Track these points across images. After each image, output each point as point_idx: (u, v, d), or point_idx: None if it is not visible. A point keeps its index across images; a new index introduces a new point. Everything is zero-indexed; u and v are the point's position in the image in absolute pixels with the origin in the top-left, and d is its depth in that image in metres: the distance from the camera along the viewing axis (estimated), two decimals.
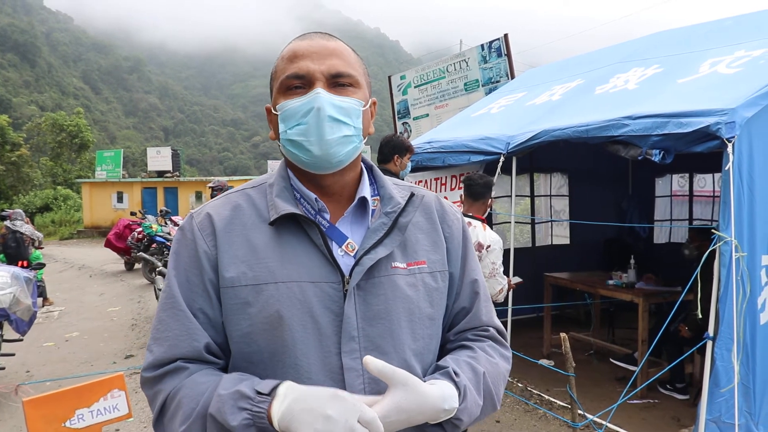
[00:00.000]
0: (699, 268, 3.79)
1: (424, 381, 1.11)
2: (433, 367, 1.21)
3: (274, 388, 1.01)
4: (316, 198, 1.20)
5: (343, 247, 1.18)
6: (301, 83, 1.15)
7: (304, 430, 0.94)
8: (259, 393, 1.01)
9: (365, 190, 1.24)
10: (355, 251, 1.18)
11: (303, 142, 1.14)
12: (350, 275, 1.14)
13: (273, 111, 1.21)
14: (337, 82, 1.16)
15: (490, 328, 1.33)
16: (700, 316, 3.64)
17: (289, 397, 0.99)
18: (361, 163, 1.30)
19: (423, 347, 1.20)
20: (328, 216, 1.20)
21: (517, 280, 4.48)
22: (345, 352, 1.11)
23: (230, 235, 1.16)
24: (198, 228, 1.18)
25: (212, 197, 9.83)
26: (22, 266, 7.19)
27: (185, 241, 1.19)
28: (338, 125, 1.14)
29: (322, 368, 1.10)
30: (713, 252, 3.57)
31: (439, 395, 1.07)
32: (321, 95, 1.12)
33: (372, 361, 1.02)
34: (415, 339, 1.18)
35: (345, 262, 1.16)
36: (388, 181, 1.30)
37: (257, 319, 1.11)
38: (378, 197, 1.27)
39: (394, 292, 1.17)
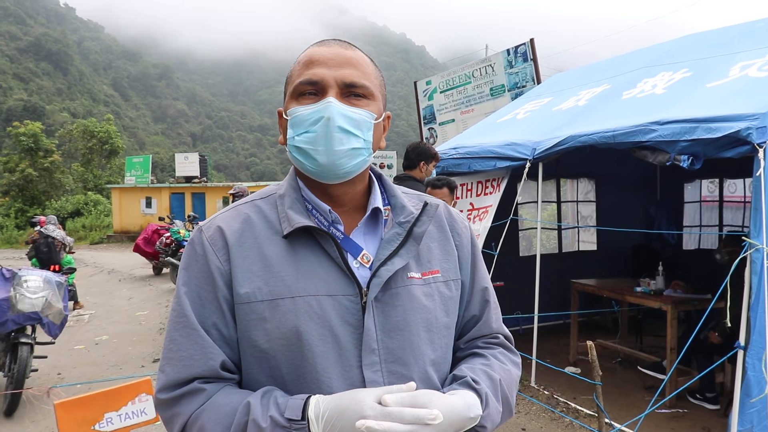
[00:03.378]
0: (729, 276, 3.72)
1: (443, 392, 1.11)
2: (450, 377, 1.20)
3: (303, 410, 1.01)
4: (330, 209, 1.18)
5: (358, 258, 1.16)
6: (313, 90, 1.13)
7: None
8: (290, 420, 1.00)
9: (377, 200, 1.23)
10: (370, 263, 1.16)
11: (310, 151, 1.11)
12: (368, 287, 1.12)
13: (284, 115, 1.18)
14: (351, 92, 1.14)
15: (500, 336, 1.33)
16: (730, 324, 3.57)
17: (322, 419, 0.99)
18: (370, 173, 1.28)
19: (441, 357, 1.20)
20: (342, 227, 1.18)
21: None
22: (366, 365, 1.10)
23: (243, 249, 1.13)
24: (209, 242, 1.15)
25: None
26: (54, 271, 7.33)
27: (195, 256, 1.15)
28: (348, 137, 1.11)
29: (343, 382, 1.08)
30: (744, 259, 3.51)
31: (464, 404, 1.07)
32: (332, 104, 1.10)
33: (390, 399, 1.00)
34: (434, 349, 1.18)
35: (361, 274, 1.14)
36: (398, 190, 1.29)
37: (275, 335, 1.09)
38: (389, 206, 1.25)
39: (411, 302, 1.15)
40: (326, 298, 1.10)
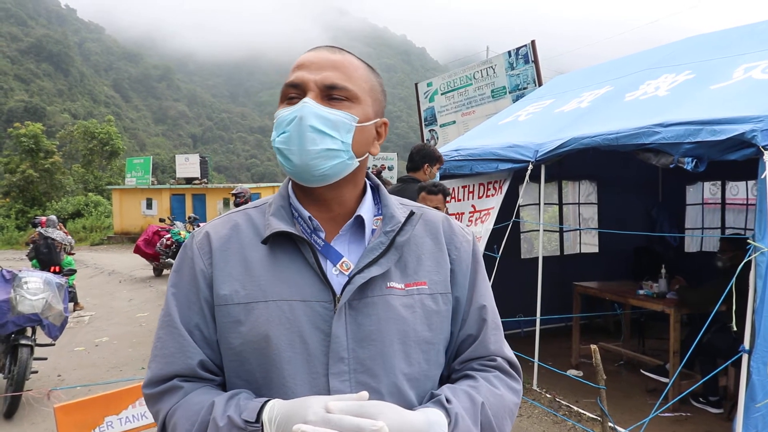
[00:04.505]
0: (734, 279, 3.69)
1: (414, 409, 1.07)
2: (428, 396, 1.15)
3: (259, 414, 1.02)
4: (310, 216, 1.18)
5: (338, 265, 1.15)
6: (295, 93, 1.15)
7: None
8: (246, 422, 1.01)
9: (364, 208, 1.21)
10: (350, 270, 1.14)
11: (285, 151, 1.12)
12: (341, 294, 1.11)
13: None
14: (331, 95, 1.13)
15: (498, 358, 1.25)
16: (735, 328, 3.55)
17: (274, 423, 0.99)
18: (367, 181, 1.27)
19: (418, 372, 1.15)
20: (323, 235, 1.18)
21: None
22: (333, 373, 1.08)
23: (226, 254, 1.16)
24: (197, 247, 1.19)
25: (236, 204, 9.94)
26: (55, 272, 7.31)
27: (185, 259, 1.20)
28: (321, 137, 1.10)
29: (309, 390, 1.07)
30: (748, 262, 3.48)
31: (424, 422, 1.02)
32: (307, 105, 1.10)
33: (335, 406, 0.97)
34: (409, 363, 1.13)
35: (338, 281, 1.13)
36: (393, 200, 1.26)
37: (248, 337, 1.10)
38: (381, 216, 1.23)
39: (387, 312, 1.12)
40: (299, 303, 1.10)
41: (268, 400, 1.04)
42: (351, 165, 1.16)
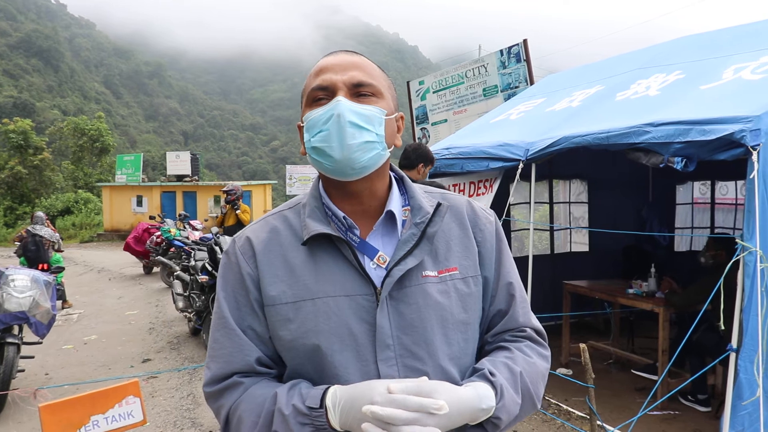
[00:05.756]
0: (722, 278, 3.71)
1: (461, 385, 1.16)
2: (471, 370, 1.24)
3: (322, 400, 1.10)
4: (344, 216, 1.24)
5: (375, 260, 1.23)
6: (324, 95, 1.21)
7: (364, 428, 1.03)
8: (310, 408, 1.09)
9: (393, 202, 1.28)
10: (386, 263, 1.22)
11: (325, 148, 1.17)
12: (381, 286, 1.19)
13: (301, 123, 1.26)
14: (359, 92, 1.21)
15: (528, 329, 1.35)
16: (723, 327, 3.56)
17: (338, 407, 1.08)
18: (391, 173, 1.34)
19: (459, 351, 1.24)
20: (358, 232, 1.25)
21: None
22: (381, 360, 1.17)
23: (269, 256, 1.24)
24: (240, 252, 1.27)
25: (226, 201, 9.91)
26: (42, 269, 7.26)
27: (230, 264, 1.27)
28: (359, 131, 1.17)
29: (360, 377, 1.15)
30: (736, 262, 3.49)
31: (475, 395, 1.12)
32: (341, 103, 1.17)
33: (396, 387, 1.06)
34: (449, 344, 1.22)
35: (377, 275, 1.21)
36: (418, 190, 1.34)
37: (297, 333, 1.18)
38: (409, 207, 1.30)
39: (425, 300, 1.21)
40: (343, 298, 1.19)
41: (329, 387, 1.12)
42: (384, 156, 1.24)
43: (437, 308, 1.21)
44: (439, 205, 1.29)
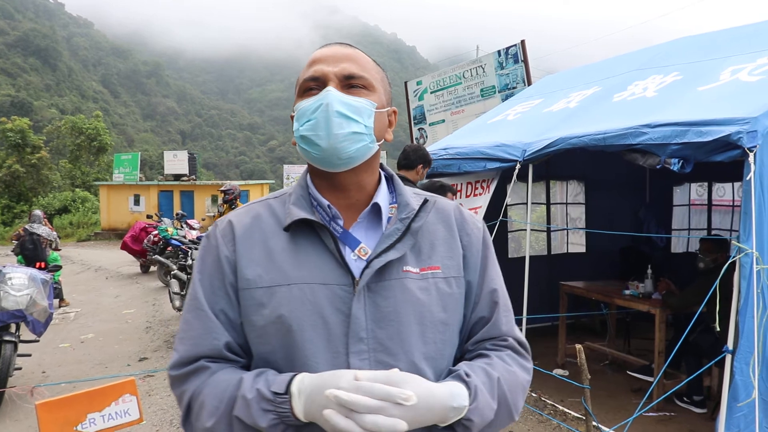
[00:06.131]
0: (718, 280, 3.72)
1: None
2: (446, 372, 1.21)
3: (288, 386, 1.07)
4: (329, 205, 1.23)
5: (356, 251, 1.21)
6: (316, 85, 1.21)
7: (326, 415, 1.00)
8: (276, 393, 1.07)
9: (380, 196, 1.27)
10: (368, 255, 1.20)
11: (312, 137, 1.17)
12: (360, 277, 1.17)
13: (292, 113, 1.26)
14: (350, 84, 1.21)
15: (510, 338, 1.31)
16: (719, 329, 3.58)
17: (303, 393, 1.05)
18: (381, 171, 1.33)
19: (435, 352, 1.20)
20: (341, 222, 1.23)
21: None
22: (353, 352, 1.14)
23: (249, 241, 1.22)
24: (220, 235, 1.25)
25: (224, 201, 9.92)
26: (40, 268, 7.25)
27: (209, 247, 1.26)
28: (347, 121, 1.17)
29: (330, 368, 1.11)
30: (732, 263, 3.50)
31: (447, 392, 1.09)
32: (331, 92, 1.17)
33: (364, 375, 1.03)
34: (425, 342, 1.19)
35: (357, 266, 1.19)
36: (407, 190, 1.32)
37: (270, 319, 1.15)
38: (396, 204, 1.29)
39: (404, 294, 1.18)
40: (320, 286, 1.16)
41: (297, 374, 1.10)
42: (373, 148, 1.23)
43: (416, 304, 1.18)
44: (425, 201, 1.29)
